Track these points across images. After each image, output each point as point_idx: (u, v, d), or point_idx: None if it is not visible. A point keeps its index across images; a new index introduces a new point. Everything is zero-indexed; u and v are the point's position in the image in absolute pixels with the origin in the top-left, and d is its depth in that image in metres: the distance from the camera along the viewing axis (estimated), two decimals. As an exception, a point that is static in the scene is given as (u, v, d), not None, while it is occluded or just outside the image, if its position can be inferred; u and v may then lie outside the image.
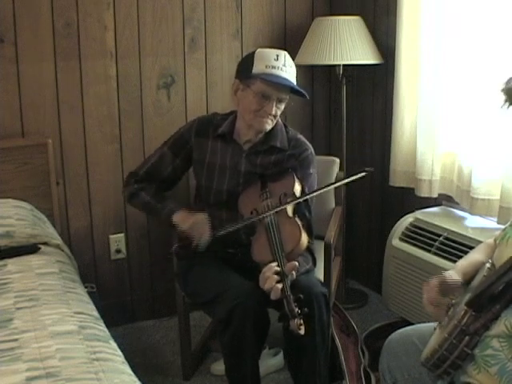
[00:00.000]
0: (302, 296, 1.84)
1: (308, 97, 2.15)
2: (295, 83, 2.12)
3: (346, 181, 2.13)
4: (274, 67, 2.07)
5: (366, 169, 2.07)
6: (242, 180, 2.21)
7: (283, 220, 2.06)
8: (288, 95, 2.13)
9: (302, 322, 1.79)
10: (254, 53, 2.13)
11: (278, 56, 2.09)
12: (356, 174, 2.07)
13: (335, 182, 2.06)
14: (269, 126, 2.15)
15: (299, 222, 2.08)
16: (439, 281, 1.60)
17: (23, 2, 2.56)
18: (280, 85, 2.08)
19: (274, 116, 2.14)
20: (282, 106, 2.15)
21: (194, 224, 2.11)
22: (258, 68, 2.08)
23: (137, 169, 2.38)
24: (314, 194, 2.15)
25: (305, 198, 2.13)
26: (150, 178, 2.32)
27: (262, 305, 1.96)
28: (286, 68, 2.09)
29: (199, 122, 2.30)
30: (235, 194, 2.19)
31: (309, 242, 2.10)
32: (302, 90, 2.11)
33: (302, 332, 1.79)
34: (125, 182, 2.39)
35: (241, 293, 1.97)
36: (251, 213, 2.11)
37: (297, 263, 1.93)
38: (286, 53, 2.13)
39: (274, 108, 2.11)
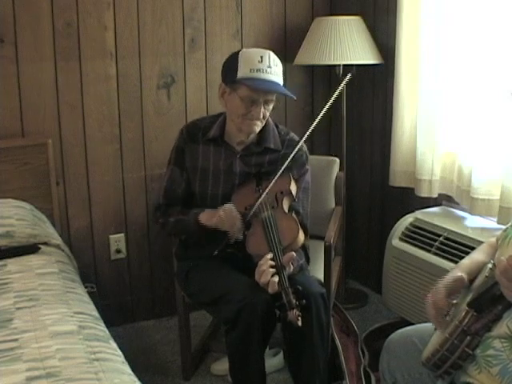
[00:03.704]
0: (300, 288, 1.85)
1: (295, 98, 2.14)
2: (281, 82, 2.11)
3: (335, 95, 2.08)
4: (258, 70, 2.04)
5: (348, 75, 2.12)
6: (237, 181, 2.21)
7: (280, 216, 2.08)
8: (274, 96, 2.11)
9: (299, 313, 1.79)
10: (237, 54, 2.10)
11: (262, 57, 2.06)
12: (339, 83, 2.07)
13: (328, 101, 2.08)
14: (258, 128, 2.15)
15: (296, 218, 2.09)
16: (445, 283, 1.57)
17: (23, 2, 2.56)
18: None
19: (263, 117, 2.13)
20: (270, 107, 2.14)
21: (222, 216, 2.07)
22: (242, 72, 2.05)
23: (157, 200, 2.35)
24: (303, 139, 2.13)
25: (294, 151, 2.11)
26: (171, 202, 2.28)
27: (270, 304, 1.96)
28: (270, 69, 2.06)
29: (187, 129, 2.29)
30: (230, 195, 2.19)
31: (304, 239, 2.10)
32: (288, 93, 2.10)
33: (300, 323, 1.79)
34: (154, 220, 2.35)
35: (249, 292, 1.96)
36: (245, 208, 2.11)
37: (294, 253, 1.94)
38: (270, 52, 2.09)
39: (262, 111, 2.10)
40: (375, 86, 3.11)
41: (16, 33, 2.58)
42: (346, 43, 2.81)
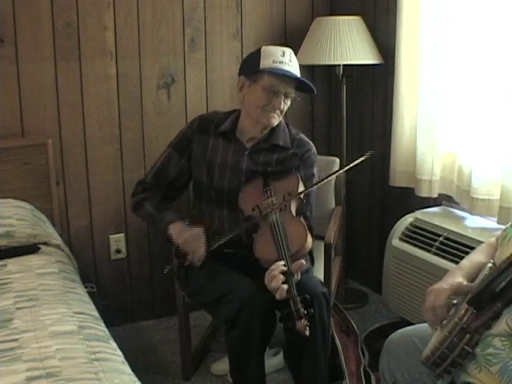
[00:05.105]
0: (308, 297, 1.83)
1: (315, 91, 2.17)
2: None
3: (348, 167, 2.10)
4: (281, 62, 2.10)
5: (366, 154, 2.09)
6: (243, 178, 2.20)
7: (288, 220, 2.05)
8: (294, 91, 2.14)
9: (308, 322, 1.78)
10: (259, 50, 2.15)
11: (284, 52, 2.13)
12: (356, 159, 2.06)
13: (337, 171, 2.09)
14: (276, 122, 2.16)
15: (304, 223, 2.08)
16: (453, 287, 1.55)
17: (23, 2, 2.56)
18: (288, 77, 2.10)
19: (281, 111, 2.15)
20: (289, 102, 2.16)
21: (189, 239, 2.09)
22: (265, 63, 2.10)
23: (145, 175, 2.38)
24: (319, 184, 2.14)
25: (310, 189, 2.13)
26: (158, 183, 2.30)
27: (270, 305, 1.96)
28: (291, 63, 2.12)
29: (200, 119, 2.31)
30: (236, 192, 2.18)
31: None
32: (310, 84, 2.13)
33: (308, 333, 1.78)
34: (133, 192, 2.36)
35: (249, 292, 1.96)
36: (253, 209, 2.10)
37: (304, 262, 1.93)
38: (290, 50, 2.16)
39: (282, 102, 2.12)
40: (375, 86, 3.11)
41: (16, 33, 2.58)
42: (346, 43, 2.81)
